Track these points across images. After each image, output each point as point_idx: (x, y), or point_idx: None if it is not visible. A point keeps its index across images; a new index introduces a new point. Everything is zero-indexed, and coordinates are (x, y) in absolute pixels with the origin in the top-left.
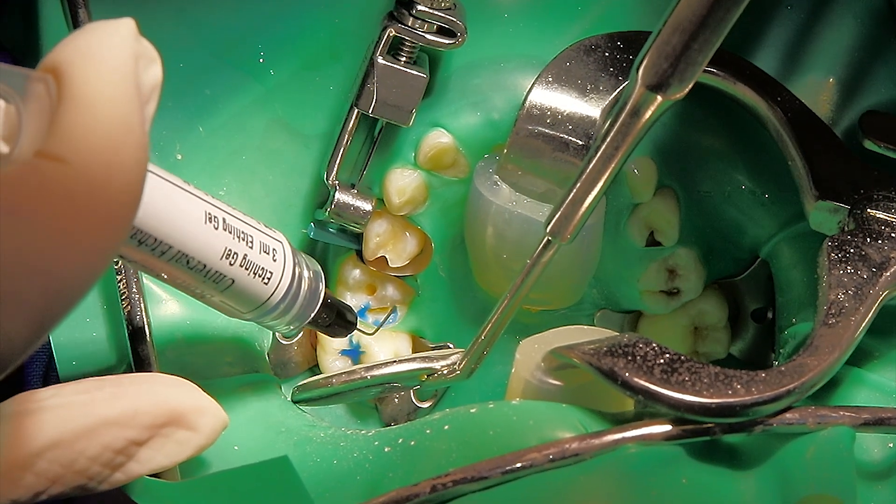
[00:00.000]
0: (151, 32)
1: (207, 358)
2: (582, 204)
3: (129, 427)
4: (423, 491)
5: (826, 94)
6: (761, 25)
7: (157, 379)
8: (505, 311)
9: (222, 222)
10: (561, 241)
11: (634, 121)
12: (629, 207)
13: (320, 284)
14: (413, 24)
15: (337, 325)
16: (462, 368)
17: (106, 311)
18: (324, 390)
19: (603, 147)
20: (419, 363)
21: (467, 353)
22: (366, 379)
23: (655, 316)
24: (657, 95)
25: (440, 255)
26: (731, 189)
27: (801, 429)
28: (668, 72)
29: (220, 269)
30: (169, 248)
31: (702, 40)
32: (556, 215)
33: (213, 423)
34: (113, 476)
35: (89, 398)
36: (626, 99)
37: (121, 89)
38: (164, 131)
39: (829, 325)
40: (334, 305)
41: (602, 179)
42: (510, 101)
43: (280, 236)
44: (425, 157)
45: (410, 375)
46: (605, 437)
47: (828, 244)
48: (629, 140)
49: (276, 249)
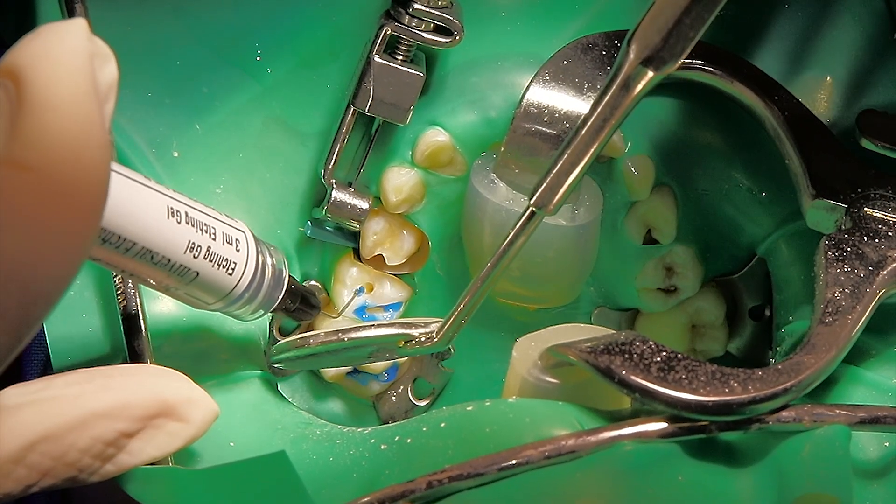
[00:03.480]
0: (149, 30)
1: (203, 354)
2: (568, 176)
3: (120, 419)
4: (418, 487)
5: (824, 92)
6: (759, 24)
7: (148, 370)
8: (486, 281)
9: (185, 216)
10: (545, 212)
11: (624, 94)
12: (627, 205)
13: (284, 271)
14: (410, 23)
15: (301, 310)
16: (440, 337)
17: (102, 306)
18: (300, 351)
19: (592, 119)
20: (397, 329)
21: (446, 322)
22: (343, 341)
23: (653, 314)
24: (648, 70)
25: (437, 254)
26: (729, 187)
27: (797, 427)
28: (660, 46)
29: (184, 262)
30: (133, 244)
31: (694, 15)
32: (541, 186)
33: (203, 413)
34: (104, 468)
35: (79, 390)
36: (617, 72)
37: (79, 90)
38: (162, 129)
39: (827, 324)
40: (298, 291)
41: (589, 152)
42: (507, 99)
43: (242, 226)
44: (422, 156)
45: (388, 340)
46: (602, 435)
47: (825, 243)
48: (618, 113)
49: (238, 240)
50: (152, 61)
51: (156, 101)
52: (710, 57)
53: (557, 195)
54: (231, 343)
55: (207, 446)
